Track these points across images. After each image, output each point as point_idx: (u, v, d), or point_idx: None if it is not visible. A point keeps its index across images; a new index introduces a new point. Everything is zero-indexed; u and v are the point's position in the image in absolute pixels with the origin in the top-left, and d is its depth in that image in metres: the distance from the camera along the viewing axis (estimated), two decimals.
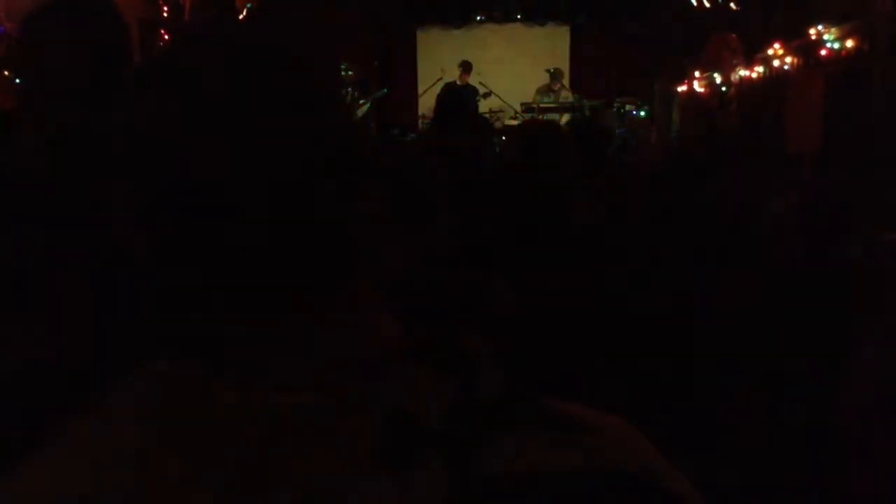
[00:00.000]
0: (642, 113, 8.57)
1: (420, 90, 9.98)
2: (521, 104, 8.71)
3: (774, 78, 5.81)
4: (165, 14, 6.46)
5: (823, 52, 4.98)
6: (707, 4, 7.53)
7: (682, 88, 7.86)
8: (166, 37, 6.14)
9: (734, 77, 6.67)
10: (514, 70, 10.19)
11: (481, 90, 8.67)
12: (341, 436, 0.45)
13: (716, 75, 6.99)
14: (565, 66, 10.14)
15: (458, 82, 8.68)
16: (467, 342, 0.50)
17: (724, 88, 6.92)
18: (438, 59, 9.91)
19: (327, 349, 0.48)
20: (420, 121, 9.19)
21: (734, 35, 6.85)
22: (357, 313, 0.50)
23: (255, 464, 0.44)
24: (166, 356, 0.50)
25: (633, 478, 0.44)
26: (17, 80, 4.85)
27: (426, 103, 8.92)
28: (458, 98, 2.86)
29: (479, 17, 10.72)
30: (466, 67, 8.76)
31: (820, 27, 5.00)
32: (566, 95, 8.98)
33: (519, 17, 10.72)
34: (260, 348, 0.48)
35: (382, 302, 0.51)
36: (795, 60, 5.48)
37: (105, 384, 0.52)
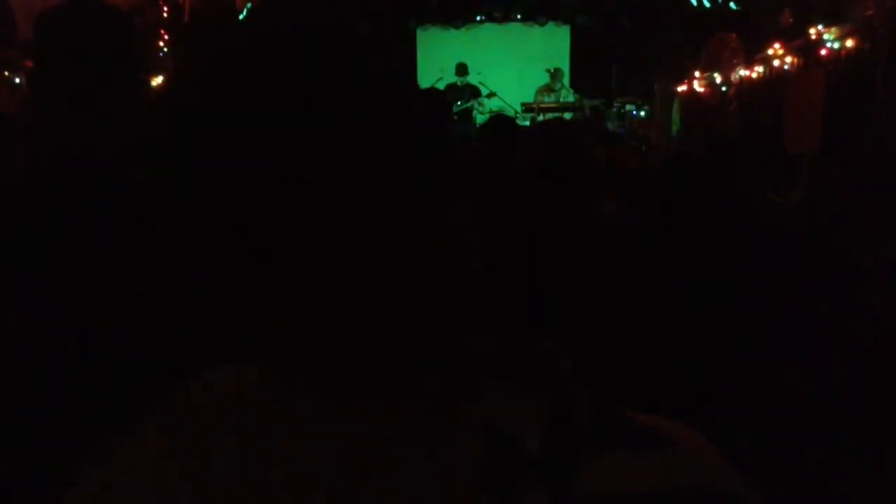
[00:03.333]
0: (642, 113, 8.57)
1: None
2: (522, 104, 8.72)
3: (774, 78, 5.81)
4: (165, 14, 6.46)
5: (823, 52, 4.98)
6: (707, 4, 7.53)
7: (682, 88, 7.85)
8: (166, 37, 6.14)
9: (734, 77, 6.67)
10: (514, 70, 10.19)
11: (483, 91, 8.68)
12: (440, 460, 0.43)
13: (716, 75, 6.99)
14: (565, 66, 10.14)
15: (459, 83, 8.70)
16: (557, 360, 0.49)
17: (724, 88, 6.91)
18: (438, 59, 9.91)
19: (420, 368, 0.46)
20: None
21: (734, 35, 6.85)
22: (451, 329, 0.47)
23: (349, 490, 0.43)
24: (246, 366, 0.48)
25: (720, 496, 0.45)
26: (17, 81, 4.86)
27: None
28: (436, 99, 2.82)
29: (479, 17, 10.73)
30: (463, 70, 8.79)
31: (820, 27, 5.00)
32: (566, 95, 8.98)
33: (519, 17, 10.72)
34: (349, 366, 0.45)
35: (475, 316, 0.48)
36: (795, 60, 5.48)
37: (178, 387, 0.50)
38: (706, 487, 0.45)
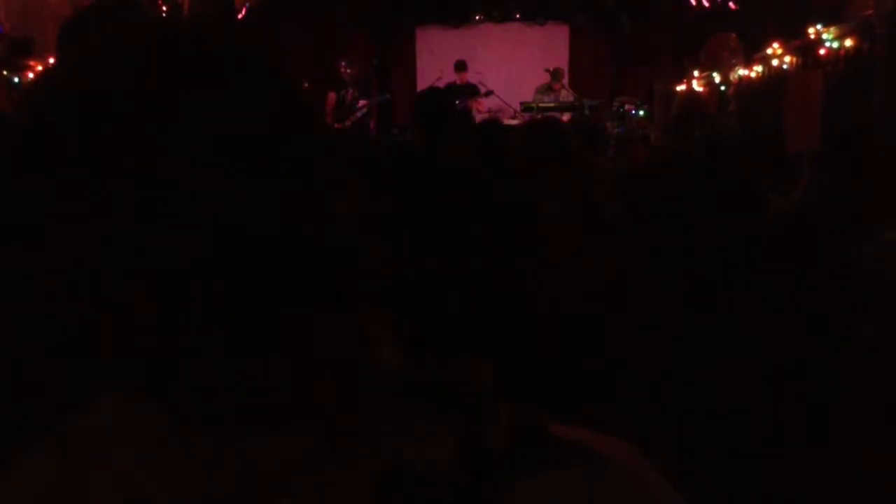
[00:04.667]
0: (642, 113, 8.56)
1: (419, 90, 9.98)
2: (521, 104, 8.71)
3: (774, 77, 5.81)
4: (164, 14, 6.46)
5: (822, 52, 4.98)
6: (707, 4, 7.53)
7: (681, 88, 7.85)
8: None
9: (733, 77, 6.67)
10: (514, 70, 10.19)
11: (482, 89, 8.67)
12: (335, 493, 0.41)
13: (715, 75, 6.99)
14: (565, 66, 10.14)
15: (458, 82, 8.69)
16: (472, 374, 0.47)
17: (723, 88, 6.92)
18: (438, 58, 9.90)
19: (320, 387, 0.43)
20: None
21: (734, 35, 6.85)
22: (355, 342, 0.44)
23: None
24: (134, 392, 0.45)
25: None
26: (16, 80, 4.85)
27: None
28: (439, 100, 2.81)
29: (478, 17, 10.73)
30: (462, 66, 8.77)
31: (819, 27, 5.00)
32: (566, 95, 8.98)
33: (518, 16, 10.72)
34: (242, 387, 0.42)
35: (385, 326, 0.45)
36: (795, 60, 5.48)
37: (62, 418, 0.47)
38: None
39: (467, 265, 1.95)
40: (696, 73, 7.44)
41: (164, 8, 6.46)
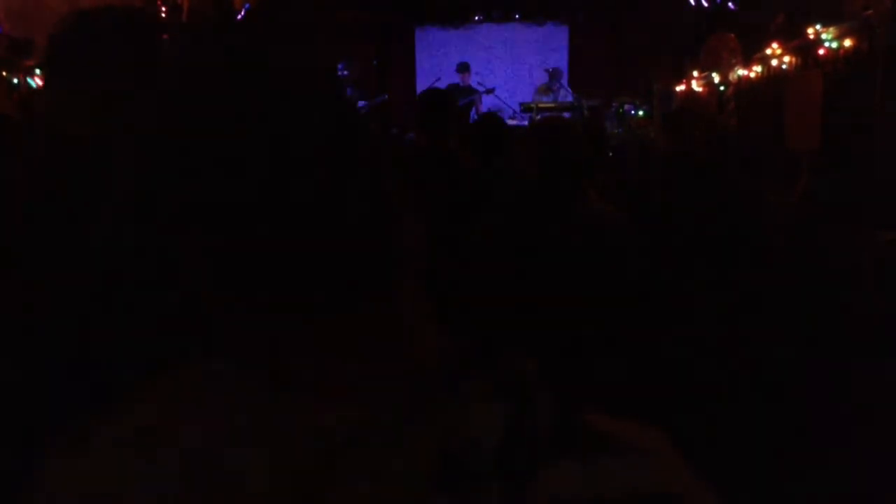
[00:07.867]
0: (641, 113, 8.56)
1: (419, 90, 9.97)
2: (521, 104, 8.71)
3: (773, 77, 5.81)
4: (164, 14, 6.45)
5: (822, 52, 4.98)
6: (706, 4, 7.54)
7: (680, 88, 7.85)
8: (165, 37, 6.12)
9: (733, 77, 6.67)
10: (513, 70, 10.19)
11: (481, 90, 8.67)
12: (397, 460, 0.44)
13: (714, 75, 6.99)
14: (564, 66, 10.14)
15: (461, 84, 8.69)
16: (519, 361, 0.50)
17: (722, 88, 6.91)
18: (437, 59, 9.91)
19: (384, 363, 0.47)
20: None
21: (733, 35, 6.85)
22: (411, 325, 0.49)
23: (310, 487, 0.43)
24: (207, 358, 0.50)
25: (670, 500, 0.45)
26: (15, 81, 4.84)
27: None
28: (440, 99, 2.83)
29: (477, 17, 10.73)
30: (464, 68, 8.76)
31: (818, 26, 4.99)
32: (565, 95, 8.98)
33: (518, 16, 10.73)
34: (314, 360, 0.47)
35: (433, 313, 0.50)
36: (794, 60, 5.48)
37: (137, 383, 0.51)
38: (657, 492, 0.45)
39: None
40: (695, 73, 7.44)
41: (164, 8, 6.46)
